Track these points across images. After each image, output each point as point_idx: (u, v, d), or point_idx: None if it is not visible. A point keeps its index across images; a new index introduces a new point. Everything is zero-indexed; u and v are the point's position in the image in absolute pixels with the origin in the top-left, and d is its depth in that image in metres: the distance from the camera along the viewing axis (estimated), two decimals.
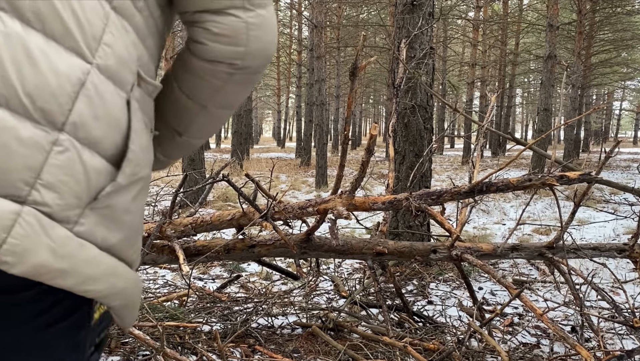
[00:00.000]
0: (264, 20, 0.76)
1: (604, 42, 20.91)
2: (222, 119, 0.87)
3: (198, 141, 0.91)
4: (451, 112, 21.73)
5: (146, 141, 0.72)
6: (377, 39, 23.61)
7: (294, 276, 3.34)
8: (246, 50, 0.76)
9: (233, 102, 0.84)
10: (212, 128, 0.89)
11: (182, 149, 0.92)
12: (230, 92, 0.81)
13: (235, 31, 0.74)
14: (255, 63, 0.78)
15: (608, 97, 38.01)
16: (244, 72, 0.78)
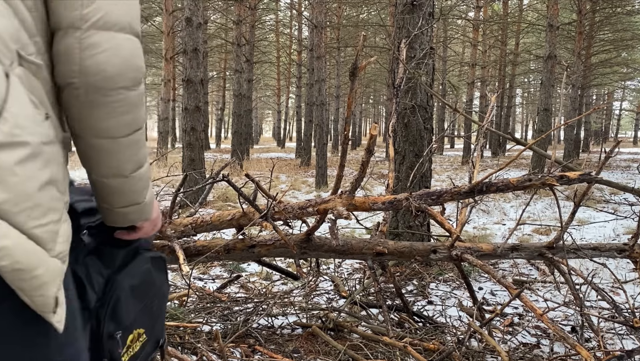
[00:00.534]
0: (99, 42, 0.81)
1: (604, 42, 20.92)
2: (112, 151, 0.89)
3: (113, 181, 0.93)
4: (451, 112, 21.73)
5: (32, 114, 0.75)
6: (377, 39, 23.62)
7: (294, 276, 3.34)
8: (80, 69, 0.81)
9: (106, 129, 0.86)
10: (110, 162, 0.90)
11: (107, 191, 0.94)
12: (90, 117, 0.84)
13: (68, 51, 0.80)
14: (91, 81, 0.82)
15: (608, 97, 38.02)
16: (86, 92, 0.82)
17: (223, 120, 36.66)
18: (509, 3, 22.39)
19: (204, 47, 17.38)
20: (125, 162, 0.91)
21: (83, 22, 0.80)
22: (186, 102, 8.15)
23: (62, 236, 0.82)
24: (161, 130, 18.54)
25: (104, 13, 0.82)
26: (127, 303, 1.04)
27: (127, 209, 0.98)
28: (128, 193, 0.95)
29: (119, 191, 0.94)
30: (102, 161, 0.90)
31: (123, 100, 0.85)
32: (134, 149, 0.91)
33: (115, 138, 0.87)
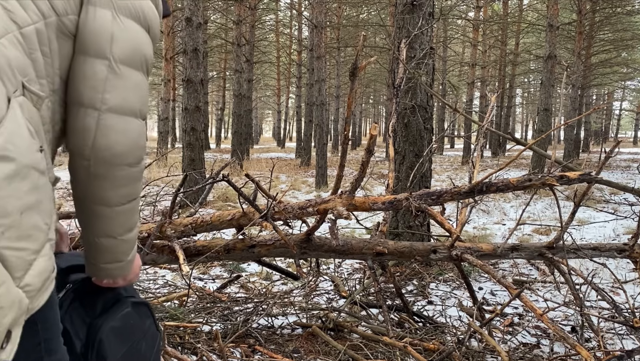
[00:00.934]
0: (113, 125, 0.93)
1: (604, 42, 20.91)
2: (107, 217, 0.99)
3: (103, 240, 1.02)
4: (451, 112, 21.74)
5: (27, 139, 0.82)
6: (377, 39, 23.62)
7: (294, 276, 3.33)
8: (92, 145, 0.92)
9: (105, 198, 0.97)
10: (103, 225, 1.00)
11: (96, 249, 1.03)
12: (93, 186, 0.95)
13: (86, 128, 0.92)
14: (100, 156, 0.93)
15: (608, 97, 38.01)
16: (95, 164, 0.93)
17: (223, 120, 36.66)
18: (509, 3, 22.39)
19: (204, 47, 17.37)
20: (117, 226, 1.01)
21: (103, 105, 0.92)
22: (186, 102, 8.14)
23: (36, 270, 0.82)
24: (161, 130, 18.54)
25: (121, 99, 0.94)
26: (110, 344, 1.11)
27: (111, 265, 1.07)
28: (114, 253, 1.05)
29: (107, 249, 1.04)
30: (96, 224, 1.00)
31: (125, 175, 0.97)
32: (128, 216, 1.02)
33: (111, 206, 0.98)
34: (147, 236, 2.66)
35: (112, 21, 0.95)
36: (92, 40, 0.94)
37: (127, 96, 0.95)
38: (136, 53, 0.98)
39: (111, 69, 0.94)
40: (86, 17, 0.94)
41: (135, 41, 0.98)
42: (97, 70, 0.93)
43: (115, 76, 0.94)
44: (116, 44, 0.95)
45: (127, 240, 1.05)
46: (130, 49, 0.97)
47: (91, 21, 0.94)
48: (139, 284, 3.67)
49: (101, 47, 0.94)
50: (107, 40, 0.94)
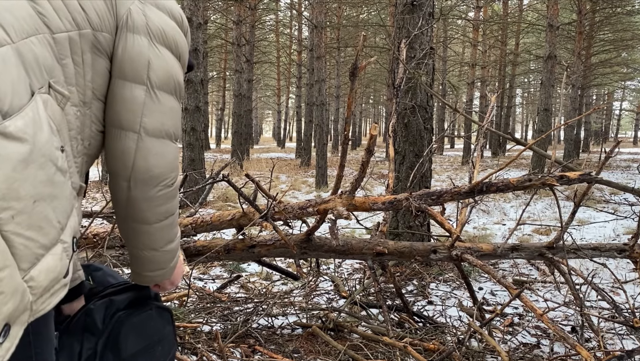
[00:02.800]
0: (151, 148, 0.99)
1: (604, 42, 20.90)
2: (147, 233, 1.06)
3: (146, 253, 1.09)
4: (451, 112, 21.75)
5: (46, 131, 0.83)
6: (377, 39, 23.62)
7: (294, 277, 3.33)
8: (132, 166, 0.98)
9: (144, 218, 1.03)
10: (145, 240, 1.07)
11: (139, 260, 1.11)
12: (133, 207, 1.01)
13: (125, 150, 0.98)
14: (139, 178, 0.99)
15: (608, 98, 38.00)
16: (134, 185, 0.99)
17: (223, 120, 36.66)
18: (509, 3, 22.40)
19: (204, 47, 17.37)
20: (158, 240, 1.08)
21: (142, 129, 0.98)
22: (186, 102, 8.14)
23: (44, 266, 0.81)
24: None
25: (159, 123, 1.00)
26: (127, 337, 1.16)
27: (154, 273, 1.14)
28: (157, 262, 1.12)
29: (150, 260, 1.11)
30: (139, 238, 1.06)
31: (163, 195, 1.03)
32: (167, 231, 1.08)
33: (151, 224, 1.04)
34: None
35: (148, 48, 1.00)
36: (130, 65, 0.98)
37: (163, 120, 1.01)
38: (170, 79, 1.03)
39: (148, 94, 0.99)
40: (125, 42, 0.99)
41: (169, 68, 1.03)
42: (136, 95, 0.98)
43: (152, 100, 0.99)
44: (153, 70, 1.00)
45: (169, 251, 1.12)
46: (166, 75, 1.02)
47: (129, 47, 0.99)
48: None
49: (139, 73, 0.99)
50: (144, 66, 0.99)
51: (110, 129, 0.99)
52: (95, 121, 0.99)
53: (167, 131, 1.02)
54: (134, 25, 0.99)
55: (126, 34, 0.99)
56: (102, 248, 2.64)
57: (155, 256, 1.10)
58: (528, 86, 37.88)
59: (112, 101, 0.98)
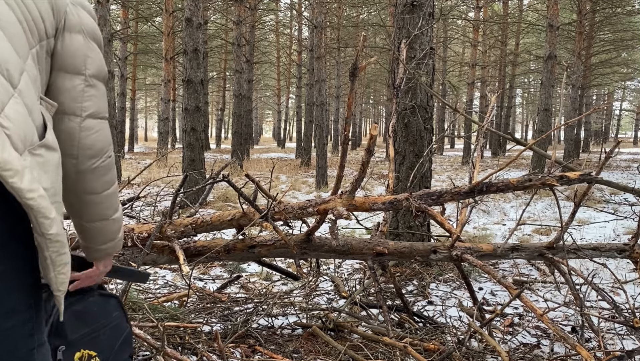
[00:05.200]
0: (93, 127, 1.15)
1: (604, 43, 20.90)
2: (98, 202, 1.20)
3: (98, 224, 1.23)
4: (451, 112, 21.74)
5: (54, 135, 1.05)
6: (377, 39, 23.62)
7: (294, 277, 3.33)
8: (78, 144, 1.13)
9: (94, 188, 1.18)
10: (97, 210, 1.21)
11: (93, 233, 1.24)
12: (83, 180, 1.16)
13: (71, 131, 1.13)
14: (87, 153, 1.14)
15: (608, 98, 37.99)
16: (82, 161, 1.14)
17: (223, 120, 36.65)
18: (509, 3, 22.38)
19: (204, 47, 17.39)
20: (107, 208, 1.22)
21: (83, 112, 1.14)
22: (186, 102, 8.14)
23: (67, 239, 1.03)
24: (161, 130, 18.54)
25: (97, 106, 1.16)
26: (70, 323, 1.27)
27: (107, 245, 1.28)
28: (108, 232, 1.26)
29: (101, 231, 1.24)
30: (89, 210, 1.20)
31: (105, 165, 1.18)
32: (112, 198, 1.23)
33: (99, 193, 1.19)
34: (147, 237, 2.66)
35: (84, 44, 1.15)
36: (71, 60, 1.13)
37: (99, 103, 1.17)
38: (101, 68, 1.19)
39: (87, 82, 1.14)
40: (64, 40, 1.12)
41: (100, 59, 1.19)
42: (76, 84, 1.13)
43: (90, 88, 1.15)
44: (89, 62, 1.15)
45: (116, 219, 1.26)
46: (98, 65, 1.18)
47: (69, 44, 1.13)
48: (139, 284, 3.67)
49: (78, 65, 1.14)
50: (82, 59, 1.14)
51: (56, 116, 1.11)
52: None
53: (103, 112, 1.18)
54: (71, 26, 1.13)
55: (64, 33, 1.13)
56: None
57: (106, 225, 1.24)
58: (528, 86, 37.86)
59: (55, 91, 1.12)
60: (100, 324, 1.36)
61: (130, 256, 2.75)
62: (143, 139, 43.81)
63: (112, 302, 1.43)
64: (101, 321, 1.37)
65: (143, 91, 36.81)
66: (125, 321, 1.46)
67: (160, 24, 19.52)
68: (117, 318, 1.43)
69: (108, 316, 1.40)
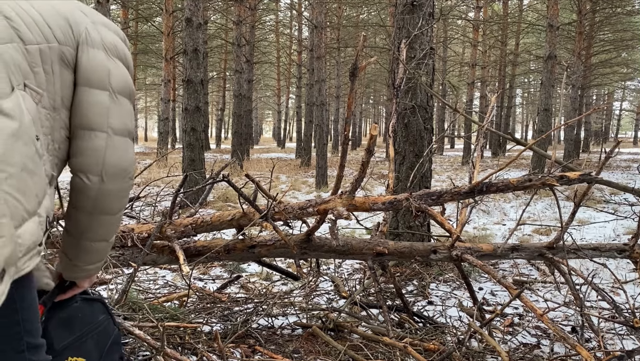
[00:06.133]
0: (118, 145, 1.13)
1: (604, 43, 20.90)
2: (109, 223, 1.18)
3: (98, 244, 1.19)
4: (451, 112, 21.75)
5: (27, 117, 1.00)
6: (377, 39, 23.62)
7: (294, 277, 3.33)
8: (103, 162, 1.11)
9: (112, 208, 1.16)
10: (103, 231, 1.18)
11: (87, 252, 1.20)
12: (104, 200, 1.13)
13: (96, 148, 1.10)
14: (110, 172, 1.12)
15: (608, 98, 37.98)
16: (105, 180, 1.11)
17: (223, 120, 36.64)
18: (509, 3, 22.38)
19: (204, 47, 17.40)
20: (113, 230, 1.21)
21: (109, 129, 1.12)
22: (186, 102, 8.14)
23: (27, 229, 0.96)
24: (161, 130, 18.53)
25: (122, 123, 1.14)
26: (56, 332, 1.25)
27: (93, 265, 1.24)
28: (102, 253, 1.23)
29: (97, 251, 1.21)
30: (98, 230, 1.17)
31: (127, 187, 1.17)
32: (119, 221, 1.22)
33: (115, 214, 1.18)
34: (147, 237, 2.66)
35: (107, 59, 1.15)
36: (94, 74, 1.12)
37: (125, 120, 1.15)
38: (126, 85, 1.17)
39: (112, 98, 1.13)
40: (87, 55, 1.13)
41: (125, 76, 1.18)
42: (101, 99, 1.12)
43: (115, 104, 1.14)
44: (113, 77, 1.14)
45: (112, 242, 1.25)
46: (123, 82, 1.17)
47: (92, 59, 1.13)
48: (139, 284, 3.67)
49: (102, 80, 1.13)
50: (106, 74, 1.13)
51: (79, 132, 1.11)
52: (63, 127, 1.11)
53: (129, 129, 1.16)
54: (93, 41, 1.14)
55: (87, 48, 1.13)
56: None
57: (103, 247, 1.22)
58: (528, 86, 37.85)
59: (79, 106, 1.11)
60: (87, 329, 1.35)
61: (130, 256, 2.75)
62: (143, 139, 43.79)
63: (96, 306, 1.41)
64: (87, 327, 1.36)
65: (143, 91, 36.81)
66: (113, 324, 1.45)
67: (160, 24, 19.52)
68: (104, 321, 1.41)
69: (94, 321, 1.38)
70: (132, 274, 2.54)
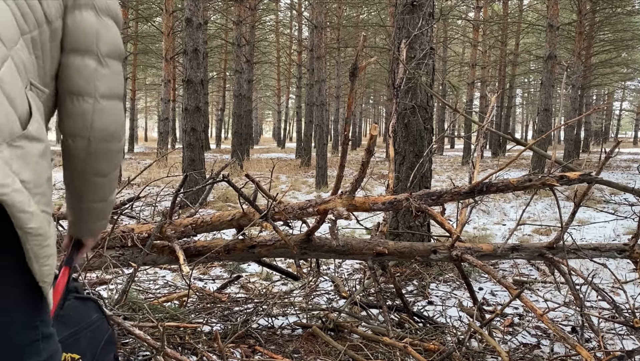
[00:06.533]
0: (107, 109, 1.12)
1: (604, 43, 20.90)
2: (103, 184, 1.20)
3: (98, 204, 1.22)
4: (451, 112, 21.74)
5: (43, 124, 1.00)
6: (377, 39, 23.62)
7: (294, 277, 3.33)
8: (91, 126, 1.10)
9: (102, 170, 1.16)
10: (100, 192, 1.21)
11: (89, 212, 1.24)
12: (94, 162, 1.14)
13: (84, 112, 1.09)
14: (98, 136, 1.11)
15: (608, 98, 37.99)
16: (94, 143, 1.11)
17: (223, 120, 36.65)
18: (509, 3, 22.38)
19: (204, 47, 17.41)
20: (108, 191, 1.23)
21: (96, 92, 1.10)
22: (186, 102, 8.14)
23: (53, 230, 1.01)
24: (161, 130, 18.54)
25: (109, 87, 1.12)
26: None
27: (98, 223, 1.28)
28: (103, 212, 1.26)
29: (98, 211, 1.25)
30: (94, 191, 1.20)
31: (116, 149, 1.16)
32: (114, 181, 1.23)
33: (106, 176, 1.18)
34: (147, 237, 2.66)
35: (96, 21, 1.10)
36: (81, 39, 1.09)
37: (113, 83, 1.13)
38: (116, 47, 1.14)
39: (99, 62, 1.10)
40: (74, 18, 1.09)
41: (115, 37, 1.14)
42: (88, 63, 1.09)
43: (103, 67, 1.11)
44: (101, 40, 1.10)
45: (112, 201, 1.27)
46: (112, 44, 1.13)
47: (79, 22, 1.09)
48: (139, 284, 3.67)
49: (89, 44, 1.09)
50: (93, 37, 1.10)
51: (67, 96, 1.09)
52: (51, 97, 1.10)
53: (117, 92, 1.14)
54: (82, 2, 1.09)
55: (74, 11, 1.09)
56: (102, 248, 2.64)
57: (104, 206, 1.24)
58: (528, 86, 37.86)
59: (66, 71, 1.09)
60: (80, 327, 1.37)
61: (130, 256, 2.75)
62: (143, 139, 43.81)
63: (90, 305, 1.43)
64: (81, 325, 1.37)
65: (143, 91, 36.82)
66: (107, 323, 1.47)
67: (160, 24, 19.52)
68: (97, 320, 1.43)
69: (87, 319, 1.40)
70: (132, 274, 2.55)
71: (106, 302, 2.60)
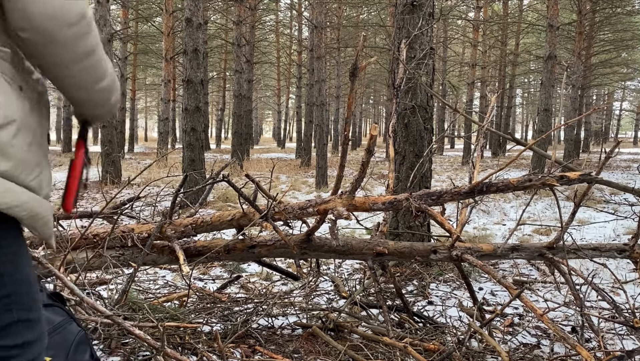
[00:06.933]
0: None
1: (604, 43, 20.90)
2: (71, 76, 1.04)
3: (77, 94, 1.09)
4: (451, 112, 21.74)
5: (11, 93, 0.96)
6: (377, 39, 23.63)
7: (294, 277, 3.33)
8: (29, 19, 0.94)
9: (61, 62, 1.00)
10: (71, 83, 1.06)
11: (74, 100, 1.12)
12: (46, 54, 0.99)
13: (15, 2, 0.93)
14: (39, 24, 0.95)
15: (608, 98, 37.99)
16: (36, 33, 0.96)
17: (223, 120, 36.65)
18: (509, 3, 22.39)
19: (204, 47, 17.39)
20: (84, 82, 1.06)
21: None
22: (186, 102, 8.14)
23: (46, 181, 1.04)
24: (161, 130, 18.54)
25: None
26: None
27: (96, 111, 1.16)
28: (92, 102, 1.12)
29: (85, 100, 1.11)
30: (65, 82, 1.06)
31: (72, 34, 0.97)
32: (91, 71, 1.05)
33: (69, 67, 1.02)
34: (147, 237, 2.66)
35: None
36: None
37: None
38: None
39: None
40: None
41: None
42: None
43: None
44: None
45: (100, 90, 1.10)
46: None
47: None
48: (139, 284, 3.67)
49: None
50: None
51: None
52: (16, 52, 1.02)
53: None
54: None
55: None
56: (102, 248, 2.64)
57: (89, 96, 1.09)
58: (528, 86, 37.86)
59: None
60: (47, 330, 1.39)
61: (130, 256, 2.75)
62: (143, 140, 43.81)
63: (56, 310, 1.48)
64: (47, 328, 1.39)
65: (143, 91, 36.82)
66: (77, 325, 1.52)
67: (160, 24, 19.52)
68: (64, 323, 1.48)
69: (52, 324, 1.45)
70: (132, 275, 2.55)
71: (106, 302, 2.60)
